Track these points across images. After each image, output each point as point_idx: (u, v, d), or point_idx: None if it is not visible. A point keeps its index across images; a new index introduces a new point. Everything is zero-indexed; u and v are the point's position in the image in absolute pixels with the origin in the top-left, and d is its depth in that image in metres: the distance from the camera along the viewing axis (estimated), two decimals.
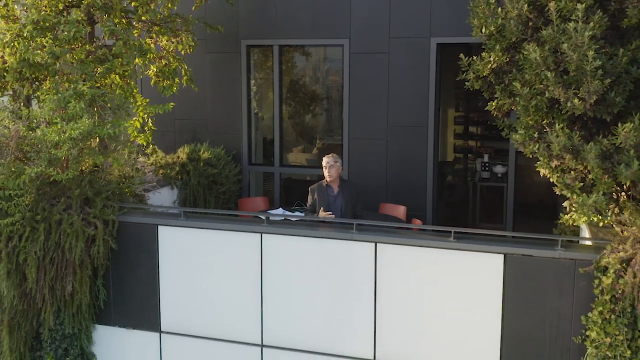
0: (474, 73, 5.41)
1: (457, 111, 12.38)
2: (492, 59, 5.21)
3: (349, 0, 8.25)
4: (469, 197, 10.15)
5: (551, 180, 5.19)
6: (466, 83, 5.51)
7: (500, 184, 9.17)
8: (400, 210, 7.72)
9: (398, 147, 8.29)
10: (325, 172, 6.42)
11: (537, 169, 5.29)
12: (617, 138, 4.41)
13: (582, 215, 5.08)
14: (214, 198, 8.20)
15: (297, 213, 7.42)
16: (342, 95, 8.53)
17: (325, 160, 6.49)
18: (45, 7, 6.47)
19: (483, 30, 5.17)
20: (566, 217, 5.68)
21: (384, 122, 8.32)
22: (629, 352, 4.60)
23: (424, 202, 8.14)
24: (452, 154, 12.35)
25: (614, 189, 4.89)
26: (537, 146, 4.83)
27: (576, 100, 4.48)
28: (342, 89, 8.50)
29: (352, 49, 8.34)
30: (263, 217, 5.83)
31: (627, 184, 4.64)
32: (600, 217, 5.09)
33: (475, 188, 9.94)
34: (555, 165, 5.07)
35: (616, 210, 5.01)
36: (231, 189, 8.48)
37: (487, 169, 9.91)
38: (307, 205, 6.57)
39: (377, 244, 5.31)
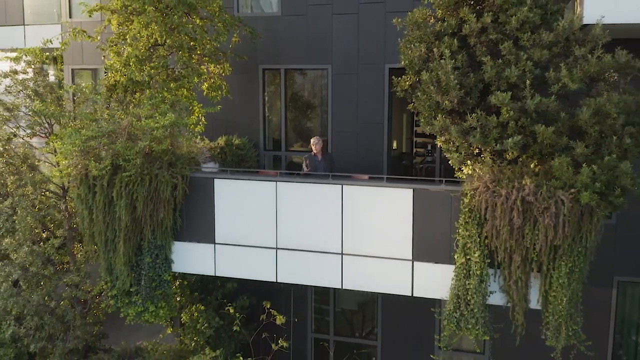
0: (400, 88, 8.73)
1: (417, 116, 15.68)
2: (408, 79, 8.55)
3: (331, 38, 11.52)
4: (416, 174, 13.47)
5: (442, 148, 8.50)
6: (396, 93, 8.82)
7: (433, 164, 12.48)
8: (364, 177, 10.97)
9: (364, 138, 11.53)
10: (313, 147, 9.77)
11: (436, 142, 8.61)
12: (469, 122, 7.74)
13: (456, 168, 8.39)
14: None
15: None
16: (328, 103, 11.80)
17: (313, 140, 9.84)
18: (141, 46, 9.76)
19: (403, 62, 8.49)
20: (459, 173, 8.97)
21: (355, 121, 11.58)
22: (470, 239, 7.84)
23: (381, 173, 11.41)
24: (413, 147, 15.68)
25: (482, 155, 8.18)
26: (429, 128, 8.15)
27: (447, 102, 7.79)
28: (327, 99, 11.78)
29: (334, 71, 11.62)
30: (277, 173, 9.12)
31: (479, 147, 7.94)
32: (472, 170, 8.36)
33: (421, 167, 13.29)
34: (444, 140, 8.38)
35: (479, 165, 8.28)
36: (253, 166, 11.72)
37: (430, 154, 13.22)
38: (303, 167, 9.88)
39: (343, 185, 8.59)
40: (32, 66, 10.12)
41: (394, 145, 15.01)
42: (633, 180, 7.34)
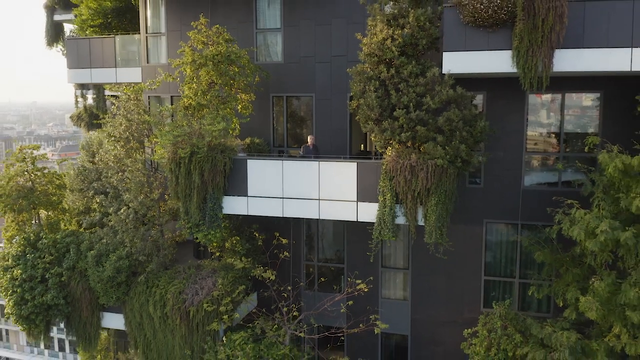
0: (351, 108, 14.94)
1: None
2: (355, 102, 14.78)
3: (314, 76, 17.72)
4: None
5: (373, 141, 14.72)
6: (350, 110, 15.05)
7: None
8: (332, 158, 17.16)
9: (336, 140, 17.62)
10: (309, 140, 16.02)
11: (371, 139, 14.84)
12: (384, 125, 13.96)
13: (381, 151, 14.59)
14: None
15: None
16: (312, 118, 17.97)
17: (309, 137, 16.07)
18: (204, 83, 15.96)
19: (352, 93, 14.71)
20: (384, 154, 15.16)
21: (330, 128, 17.71)
22: (385, 187, 14.04)
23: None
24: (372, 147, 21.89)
25: (392, 144, 14.36)
26: (364, 129, 14.37)
27: (372, 115, 14.00)
28: (313, 115, 17.96)
29: (317, 97, 17.78)
30: (283, 155, 15.32)
31: (390, 139, 14.14)
32: (388, 151, 14.54)
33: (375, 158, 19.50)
34: (373, 136, 14.59)
35: (391, 149, 14.46)
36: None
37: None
38: (300, 152, 16.09)
39: (320, 162, 14.77)
40: (137, 94, 16.32)
41: (362, 147, 21.29)
42: (469, 155, 13.59)
